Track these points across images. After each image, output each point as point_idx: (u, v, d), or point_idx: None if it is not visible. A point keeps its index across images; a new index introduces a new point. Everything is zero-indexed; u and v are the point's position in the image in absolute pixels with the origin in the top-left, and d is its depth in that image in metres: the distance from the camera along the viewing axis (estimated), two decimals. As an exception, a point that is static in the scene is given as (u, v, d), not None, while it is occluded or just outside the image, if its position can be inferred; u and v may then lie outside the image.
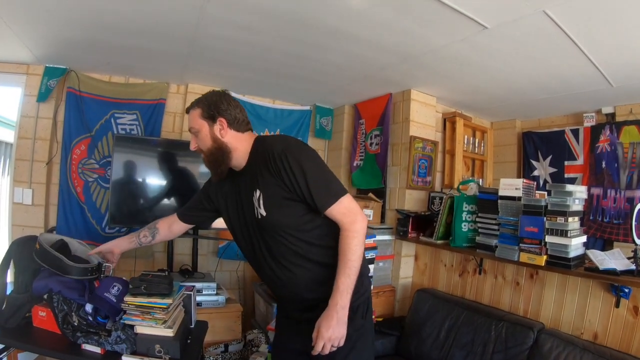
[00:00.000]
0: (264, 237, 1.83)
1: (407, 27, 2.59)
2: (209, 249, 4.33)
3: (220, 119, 1.83)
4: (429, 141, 4.04)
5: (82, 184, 3.74)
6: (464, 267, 3.29)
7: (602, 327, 2.40)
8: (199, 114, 1.85)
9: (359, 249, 1.69)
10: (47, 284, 2.00)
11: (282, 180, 1.70)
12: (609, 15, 2.24)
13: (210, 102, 1.85)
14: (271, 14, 2.53)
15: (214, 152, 1.86)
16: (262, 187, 1.76)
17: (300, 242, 1.78)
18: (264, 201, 1.75)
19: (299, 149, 1.75)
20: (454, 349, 2.82)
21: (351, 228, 1.69)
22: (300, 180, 1.68)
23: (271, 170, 1.72)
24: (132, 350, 1.93)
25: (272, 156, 1.72)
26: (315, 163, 1.74)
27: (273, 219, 1.76)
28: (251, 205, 1.82)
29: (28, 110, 3.59)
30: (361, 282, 1.79)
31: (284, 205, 1.74)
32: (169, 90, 4.13)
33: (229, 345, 3.31)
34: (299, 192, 1.70)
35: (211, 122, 1.84)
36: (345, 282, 1.64)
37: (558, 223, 2.46)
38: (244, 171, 1.88)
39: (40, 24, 2.83)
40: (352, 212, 1.72)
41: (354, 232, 1.69)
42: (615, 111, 3.85)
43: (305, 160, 1.71)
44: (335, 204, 1.70)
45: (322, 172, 1.75)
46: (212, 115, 1.83)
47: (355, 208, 1.74)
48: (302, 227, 1.77)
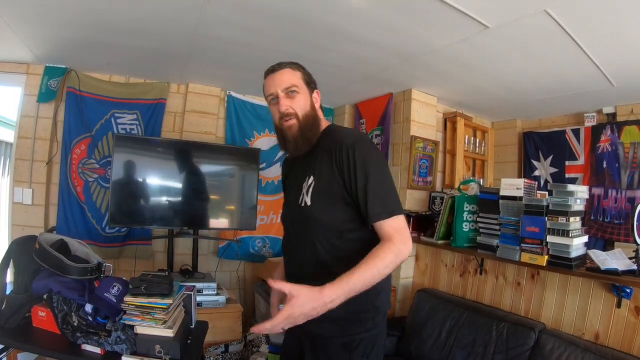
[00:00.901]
0: (300, 227, 1.68)
1: (408, 27, 2.59)
2: (209, 249, 4.33)
3: (317, 91, 1.78)
4: (429, 141, 4.03)
5: (82, 184, 3.73)
6: (464, 267, 3.29)
7: (603, 328, 2.40)
8: (299, 76, 1.73)
9: (389, 268, 1.45)
10: (47, 284, 2.00)
11: (341, 174, 1.56)
12: (611, 15, 2.23)
13: (308, 72, 1.79)
14: (272, 14, 2.53)
15: (310, 119, 1.69)
16: (317, 176, 1.62)
17: (331, 248, 1.60)
18: (313, 190, 1.62)
19: (370, 149, 1.61)
20: (455, 349, 2.81)
21: (398, 245, 1.46)
22: (360, 180, 1.52)
23: (333, 160, 1.57)
24: (132, 351, 1.92)
25: (339, 147, 1.57)
26: (381, 169, 1.59)
27: (314, 212, 1.61)
28: (299, 190, 1.68)
29: (28, 109, 3.58)
30: (372, 315, 1.62)
31: (330, 203, 1.60)
32: (169, 90, 4.12)
33: (229, 346, 3.31)
34: (353, 192, 1.54)
35: (310, 90, 1.75)
36: (354, 284, 1.38)
37: (559, 223, 2.46)
38: (307, 153, 1.71)
39: (40, 24, 2.83)
40: (405, 233, 1.51)
41: (398, 250, 1.46)
42: (616, 111, 3.85)
43: (373, 162, 1.56)
44: (390, 218, 1.50)
45: (386, 180, 1.58)
46: (311, 85, 1.76)
47: (408, 233, 1.54)
48: (339, 234, 1.60)
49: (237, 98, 4.39)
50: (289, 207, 1.79)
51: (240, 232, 4.18)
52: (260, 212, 4.36)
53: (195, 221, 3.71)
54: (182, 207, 3.64)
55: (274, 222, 4.60)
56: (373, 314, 1.63)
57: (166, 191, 3.60)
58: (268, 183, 4.56)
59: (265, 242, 4.54)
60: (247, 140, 4.44)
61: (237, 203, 3.92)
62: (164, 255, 3.92)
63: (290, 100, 1.68)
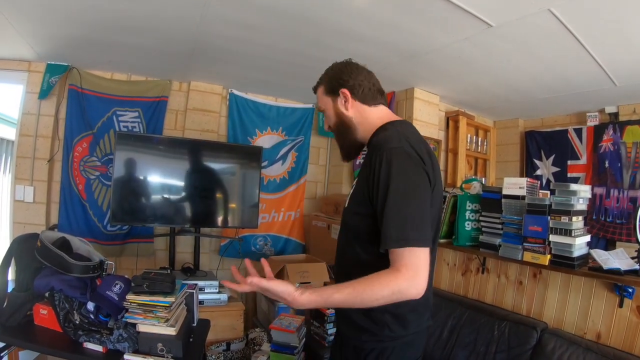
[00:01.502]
0: (342, 228, 1.66)
1: (411, 26, 2.58)
2: (211, 247, 4.33)
3: (343, 90, 1.63)
4: (431, 140, 4.02)
5: (83, 182, 3.73)
6: (466, 266, 3.28)
7: (605, 327, 2.39)
8: (322, 91, 1.72)
9: (379, 302, 1.29)
10: (49, 282, 2.00)
11: (367, 183, 1.44)
12: (614, 14, 2.22)
13: (332, 75, 1.70)
14: (275, 12, 2.52)
15: (337, 129, 1.69)
16: (360, 177, 1.53)
17: (353, 254, 1.53)
18: (352, 193, 1.58)
19: (402, 159, 1.39)
20: (457, 348, 2.81)
21: (400, 282, 1.27)
22: (381, 196, 1.37)
23: (370, 170, 1.43)
24: (134, 349, 1.92)
25: (376, 148, 1.45)
26: (408, 189, 1.36)
27: (346, 215, 1.59)
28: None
29: (30, 107, 3.58)
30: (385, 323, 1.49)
31: (358, 209, 1.51)
32: (171, 88, 4.12)
33: (231, 344, 3.31)
34: (375, 206, 1.40)
35: (334, 96, 1.67)
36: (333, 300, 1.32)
37: (562, 222, 2.45)
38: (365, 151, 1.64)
39: (42, 22, 2.82)
40: (414, 271, 1.28)
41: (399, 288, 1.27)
42: (618, 111, 3.84)
43: (400, 179, 1.36)
44: (403, 249, 1.29)
45: (409, 203, 1.35)
46: (334, 89, 1.66)
47: (421, 271, 1.29)
48: (361, 242, 1.51)
49: (240, 96, 4.39)
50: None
51: (242, 231, 4.19)
52: (262, 210, 4.36)
53: (197, 219, 3.71)
54: (184, 205, 3.64)
55: (276, 221, 4.61)
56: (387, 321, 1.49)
57: (168, 189, 3.59)
58: (270, 181, 4.56)
59: (267, 241, 4.55)
60: (249, 139, 4.44)
61: (239, 201, 3.92)
62: (166, 253, 3.92)
63: (327, 118, 1.74)
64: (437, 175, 1.51)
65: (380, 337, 1.50)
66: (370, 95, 1.66)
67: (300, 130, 4.73)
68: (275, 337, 2.89)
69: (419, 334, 1.58)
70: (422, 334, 1.61)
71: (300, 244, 4.77)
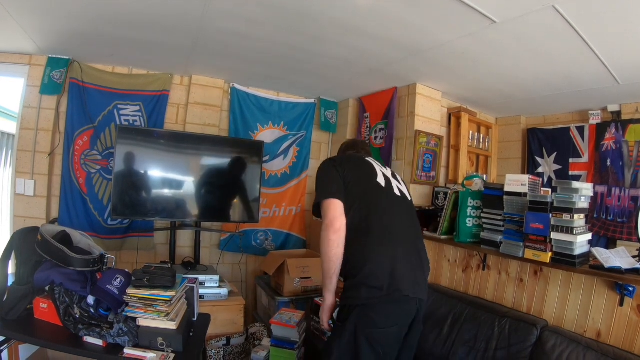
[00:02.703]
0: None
1: (415, 21, 2.57)
2: (212, 241, 4.33)
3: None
4: (433, 136, 4.02)
5: (84, 175, 3.73)
6: (467, 263, 3.28)
7: (605, 326, 2.39)
8: None
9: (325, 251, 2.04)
10: (49, 276, 2.00)
11: None
12: (619, 12, 2.21)
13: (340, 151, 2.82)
14: (277, 7, 2.51)
15: None
16: None
17: None
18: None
19: (320, 167, 2.32)
20: (457, 344, 2.81)
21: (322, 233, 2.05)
22: None
23: None
24: (134, 343, 1.93)
25: None
26: (318, 175, 2.27)
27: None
28: None
29: (30, 101, 3.57)
30: (351, 285, 2.01)
31: None
32: (172, 82, 4.11)
33: (231, 339, 3.31)
34: None
35: None
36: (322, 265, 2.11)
37: (564, 220, 2.44)
38: None
39: (44, 15, 2.81)
40: (324, 219, 2.07)
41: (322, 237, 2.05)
42: (621, 109, 3.82)
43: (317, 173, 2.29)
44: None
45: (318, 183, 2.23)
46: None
47: (327, 217, 2.05)
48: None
49: (241, 90, 4.38)
50: None
51: (243, 225, 4.19)
52: (263, 205, 4.36)
53: (197, 213, 3.71)
54: (185, 200, 3.64)
55: (277, 215, 4.61)
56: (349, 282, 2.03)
57: (169, 183, 3.60)
58: (271, 176, 4.56)
59: (267, 235, 4.55)
60: (251, 133, 4.43)
61: (240, 196, 3.92)
62: (166, 248, 3.92)
63: None
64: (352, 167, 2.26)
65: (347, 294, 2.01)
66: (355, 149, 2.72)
67: (302, 125, 4.72)
68: (275, 332, 2.89)
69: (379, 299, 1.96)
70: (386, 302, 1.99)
71: (301, 239, 4.77)
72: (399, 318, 1.98)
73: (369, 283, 1.94)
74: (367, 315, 1.93)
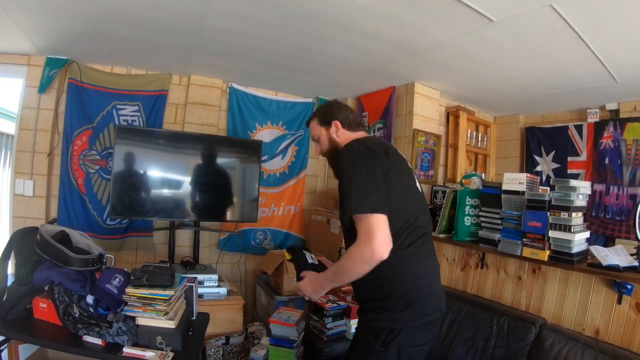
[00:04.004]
0: None
1: (413, 20, 2.57)
2: (211, 240, 4.33)
3: (334, 122, 2.09)
4: (432, 135, 4.02)
5: (83, 176, 3.73)
6: (466, 261, 3.28)
7: (604, 324, 2.39)
8: (316, 123, 2.16)
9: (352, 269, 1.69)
10: (49, 275, 2.00)
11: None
12: (617, 11, 2.21)
13: (324, 111, 2.17)
14: (276, 6, 2.51)
15: (330, 152, 2.12)
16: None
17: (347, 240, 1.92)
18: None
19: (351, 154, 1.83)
20: (456, 343, 2.82)
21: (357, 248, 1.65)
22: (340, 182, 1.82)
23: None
24: (133, 342, 1.93)
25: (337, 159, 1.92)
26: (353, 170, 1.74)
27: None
28: None
29: (29, 101, 3.57)
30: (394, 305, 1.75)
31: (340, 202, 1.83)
32: (171, 82, 4.11)
33: (230, 338, 3.32)
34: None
35: (327, 126, 2.12)
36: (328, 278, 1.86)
37: (561, 218, 2.45)
38: None
39: (42, 15, 2.81)
40: (365, 236, 1.62)
41: (357, 254, 1.65)
42: (619, 108, 3.83)
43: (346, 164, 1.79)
44: (357, 217, 1.66)
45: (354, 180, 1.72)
46: (327, 120, 2.11)
47: (372, 234, 1.61)
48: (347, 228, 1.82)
49: (240, 90, 4.38)
50: None
51: (242, 224, 4.19)
52: (261, 205, 4.37)
53: (196, 213, 3.71)
54: (184, 199, 3.65)
55: (276, 215, 4.61)
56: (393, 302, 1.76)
57: (167, 183, 3.60)
58: (270, 175, 4.56)
59: (266, 235, 4.55)
60: (249, 133, 4.44)
61: (239, 195, 3.92)
62: (165, 247, 3.92)
63: (318, 144, 2.20)
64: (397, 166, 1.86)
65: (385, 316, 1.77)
66: (355, 124, 2.12)
67: (301, 124, 4.73)
68: (274, 331, 2.89)
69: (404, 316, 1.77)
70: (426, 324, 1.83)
71: (300, 238, 4.77)
72: (434, 333, 1.90)
73: (414, 306, 1.76)
74: (412, 336, 1.77)
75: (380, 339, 1.74)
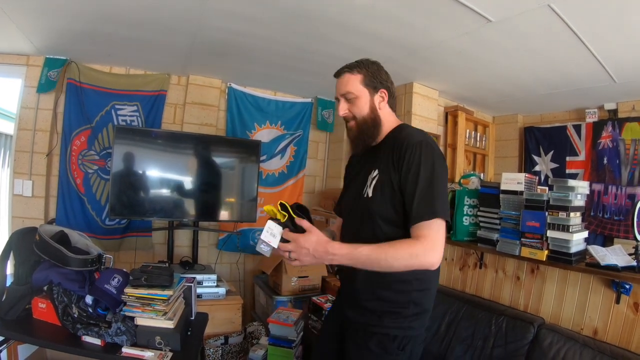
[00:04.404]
0: (361, 216, 1.73)
1: (411, 20, 2.58)
2: (209, 241, 4.33)
3: (383, 90, 1.76)
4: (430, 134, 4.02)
5: (82, 176, 3.73)
6: (464, 261, 3.29)
7: (602, 323, 2.40)
8: (359, 80, 1.74)
9: (399, 262, 1.50)
10: (47, 276, 2.00)
11: (398, 171, 1.61)
12: (615, 11, 2.22)
13: (374, 72, 1.76)
14: (274, 6, 2.52)
15: (368, 122, 1.75)
16: (381, 171, 1.68)
17: (382, 236, 1.64)
18: (376, 184, 1.68)
19: (430, 151, 1.61)
20: (454, 342, 2.82)
21: (418, 248, 1.51)
22: (412, 179, 1.57)
23: (394, 158, 1.64)
24: (132, 342, 1.93)
25: (401, 145, 1.63)
26: (436, 173, 1.58)
27: (376, 203, 1.66)
28: (364, 182, 1.74)
29: (28, 101, 3.57)
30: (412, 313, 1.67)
31: (387, 197, 1.64)
32: (170, 82, 4.11)
33: (229, 338, 3.32)
34: (405, 190, 1.59)
35: (373, 91, 1.75)
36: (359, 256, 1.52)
37: (560, 218, 2.45)
38: (375, 147, 1.79)
39: (41, 15, 2.81)
40: (433, 242, 1.52)
41: (417, 252, 1.51)
42: (617, 107, 3.84)
43: (429, 164, 1.58)
44: (429, 221, 1.53)
45: (437, 184, 1.58)
46: (375, 85, 1.75)
47: (439, 242, 1.53)
48: (388, 226, 1.65)
49: (238, 90, 4.38)
50: (352, 197, 1.84)
51: (241, 224, 4.20)
52: (260, 205, 4.36)
53: (195, 213, 3.72)
54: (183, 199, 3.64)
55: (274, 215, 4.60)
56: (412, 310, 1.66)
57: (166, 183, 3.59)
58: (269, 175, 4.56)
59: (265, 235, 4.54)
60: (248, 133, 4.44)
61: (238, 195, 3.93)
62: (164, 247, 3.92)
63: (350, 104, 1.75)
64: None
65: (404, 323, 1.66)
66: (395, 102, 1.86)
67: (299, 124, 4.73)
68: (273, 331, 2.90)
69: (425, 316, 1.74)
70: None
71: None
72: None
73: (427, 315, 1.74)
74: (422, 339, 1.76)
75: (396, 343, 1.66)
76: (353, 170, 1.96)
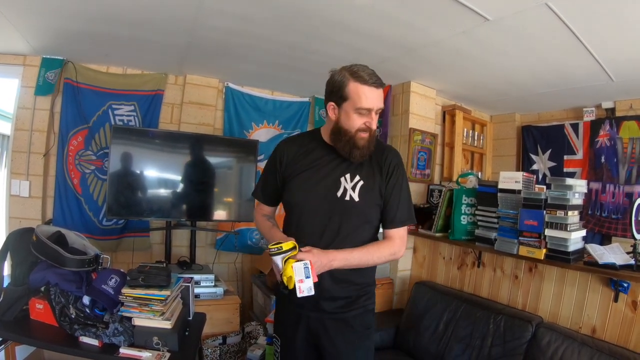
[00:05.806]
0: (340, 216, 1.85)
1: (409, 19, 2.57)
2: (207, 240, 4.32)
3: None
4: (428, 133, 4.03)
5: (79, 176, 3.71)
6: (462, 260, 3.29)
7: (600, 322, 2.40)
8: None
9: (382, 260, 1.88)
10: (45, 276, 1.99)
11: (385, 183, 1.89)
12: (612, 10, 2.22)
13: None
14: (271, 5, 2.51)
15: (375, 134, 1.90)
16: (366, 178, 1.87)
17: (358, 235, 1.87)
18: (362, 189, 1.85)
19: (404, 168, 2.00)
20: (452, 342, 2.82)
21: (396, 248, 1.90)
22: (395, 191, 1.89)
23: (383, 171, 1.89)
24: (129, 343, 1.93)
25: (389, 162, 1.91)
26: (408, 185, 1.98)
27: (360, 207, 1.86)
28: (336, 184, 1.86)
29: (25, 101, 3.55)
30: (374, 289, 2.03)
31: (374, 202, 1.89)
32: (167, 82, 4.09)
33: (227, 337, 3.32)
34: (388, 199, 1.89)
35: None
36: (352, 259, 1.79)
37: (558, 217, 2.46)
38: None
39: (37, 15, 2.80)
40: (405, 241, 1.94)
41: (394, 252, 1.90)
42: (615, 106, 3.84)
43: (405, 179, 1.96)
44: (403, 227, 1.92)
45: (410, 195, 2.00)
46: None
47: (406, 241, 1.96)
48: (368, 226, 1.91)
49: (236, 89, 4.37)
50: (321, 197, 1.88)
51: (238, 224, 4.19)
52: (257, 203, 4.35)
53: (193, 213, 3.70)
54: (180, 199, 3.63)
55: (272, 214, 4.60)
56: (374, 286, 2.02)
57: (164, 183, 3.58)
58: (266, 175, 4.54)
59: (263, 234, 4.54)
60: (245, 132, 4.42)
61: (235, 195, 3.92)
62: (162, 247, 3.91)
63: (375, 120, 1.85)
64: None
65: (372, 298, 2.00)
66: None
67: (297, 123, 4.72)
68: (271, 331, 2.89)
69: None
70: None
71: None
72: None
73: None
74: None
75: (371, 315, 1.99)
76: (302, 166, 1.95)
